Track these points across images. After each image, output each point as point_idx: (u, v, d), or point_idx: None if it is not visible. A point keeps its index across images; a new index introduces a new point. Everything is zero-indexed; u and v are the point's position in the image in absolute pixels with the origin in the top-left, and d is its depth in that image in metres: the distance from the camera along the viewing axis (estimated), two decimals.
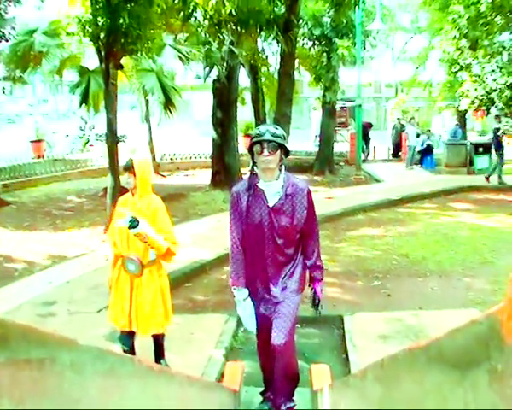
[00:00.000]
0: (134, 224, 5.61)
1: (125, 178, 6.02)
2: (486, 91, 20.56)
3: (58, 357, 1.61)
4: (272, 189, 4.92)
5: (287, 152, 4.96)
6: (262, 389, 5.67)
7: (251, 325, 5.20)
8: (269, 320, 5.08)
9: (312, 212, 5.10)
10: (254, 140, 4.86)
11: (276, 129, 4.92)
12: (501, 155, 20.46)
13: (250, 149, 4.94)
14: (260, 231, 4.98)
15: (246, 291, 5.12)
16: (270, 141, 4.77)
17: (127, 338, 6.22)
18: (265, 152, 4.78)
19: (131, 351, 6.20)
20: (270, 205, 4.92)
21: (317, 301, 5.27)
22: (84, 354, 1.82)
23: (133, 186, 5.99)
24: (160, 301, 6.21)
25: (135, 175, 5.95)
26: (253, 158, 4.95)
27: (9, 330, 1.38)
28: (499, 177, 20.29)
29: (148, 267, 6.08)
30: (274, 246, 5.00)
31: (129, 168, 5.96)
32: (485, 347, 1.30)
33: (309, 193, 5.06)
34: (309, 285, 5.32)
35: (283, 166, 4.97)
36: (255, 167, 4.98)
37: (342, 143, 29.46)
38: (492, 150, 22.70)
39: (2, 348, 1.33)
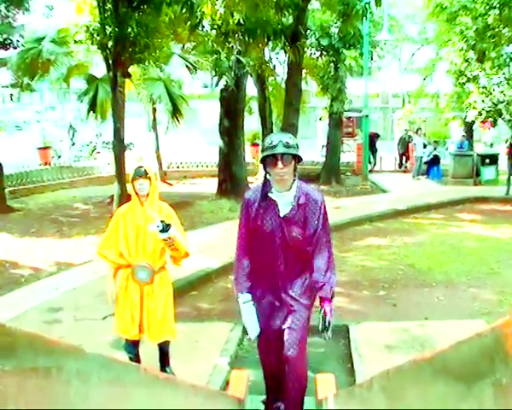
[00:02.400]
0: (167, 228, 5.53)
1: (137, 184, 5.90)
2: (493, 103, 20.50)
3: (65, 365, 1.61)
4: (284, 199, 4.76)
5: (299, 159, 4.78)
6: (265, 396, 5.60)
7: (251, 330, 5.00)
8: (276, 331, 4.99)
9: (324, 223, 4.86)
10: (267, 153, 4.66)
11: (289, 138, 4.71)
12: None
13: (262, 160, 4.77)
14: (272, 241, 4.84)
15: (247, 296, 4.98)
16: (283, 154, 4.60)
17: (132, 346, 6.22)
18: (280, 165, 4.59)
19: (137, 359, 6.20)
20: (282, 215, 4.77)
21: (326, 324, 4.76)
22: (90, 362, 1.83)
23: (146, 192, 5.92)
24: (171, 307, 6.24)
25: (150, 180, 5.92)
26: (265, 167, 4.79)
27: (17, 338, 1.38)
28: None
29: (159, 274, 6.06)
30: (285, 256, 4.85)
31: (143, 174, 5.89)
32: (490, 360, 1.30)
33: (322, 204, 4.87)
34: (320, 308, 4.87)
35: (297, 175, 4.82)
36: (268, 176, 4.82)
37: (349, 154, 29.45)
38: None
39: (10, 357, 1.34)
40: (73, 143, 30.19)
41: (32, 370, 1.45)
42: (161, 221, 5.55)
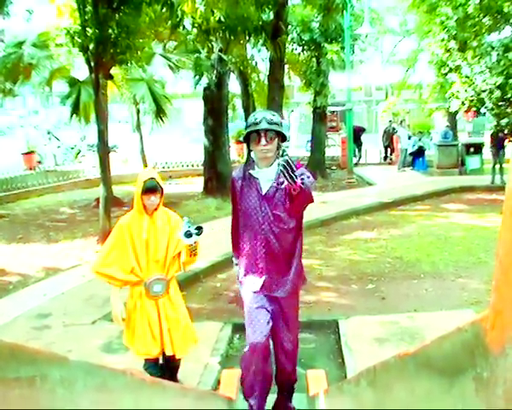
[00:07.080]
0: (200, 231, 5.18)
1: (148, 200, 5.41)
2: (476, 92, 20.59)
3: (48, 374, 1.60)
4: (265, 176, 4.71)
5: (284, 138, 4.73)
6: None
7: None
8: (266, 313, 4.87)
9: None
10: (251, 129, 4.62)
11: (272, 115, 4.67)
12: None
13: (246, 137, 4.71)
14: (256, 220, 4.76)
15: None
16: (267, 130, 4.56)
17: (154, 365, 5.78)
18: (263, 141, 4.55)
19: (162, 374, 5.67)
20: (263, 193, 4.72)
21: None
22: (74, 369, 1.82)
23: (156, 206, 5.50)
24: (187, 312, 5.95)
25: (162, 192, 5.52)
26: (248, 145, 4.76)
27: None
28: None
29: (171, 282, 5.71)
30: (270, 236, 4.76)
31: (155, 189, 5.45)
32: (471, 355, 1.31)
33: None
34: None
35: (280, 153, 4.63)
36: (252, 154, 4.79)
37: (334, 148, 29.53)
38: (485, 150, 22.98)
39: None
40: (58, 146, 30.08)
41: (15, 380, 1.44)
42: (189, 225, 5.21)
